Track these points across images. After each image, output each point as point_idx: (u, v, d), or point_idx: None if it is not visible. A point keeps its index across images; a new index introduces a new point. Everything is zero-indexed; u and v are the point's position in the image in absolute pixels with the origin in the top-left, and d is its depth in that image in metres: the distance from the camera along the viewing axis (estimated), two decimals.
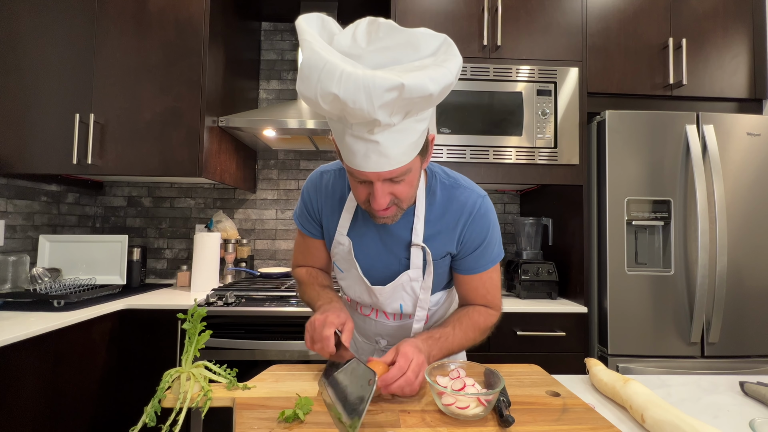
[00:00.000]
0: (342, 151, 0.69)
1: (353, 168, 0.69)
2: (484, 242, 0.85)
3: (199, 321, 0.75)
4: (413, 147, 0.68)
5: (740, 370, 1.62)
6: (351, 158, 0.67)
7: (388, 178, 0.69)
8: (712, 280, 1.60)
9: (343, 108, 0.59)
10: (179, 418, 0.66)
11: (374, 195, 0.70)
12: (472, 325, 0.85)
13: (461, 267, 0.87)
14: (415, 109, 0.63)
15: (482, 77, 1.80)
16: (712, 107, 1.90)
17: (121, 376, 1.59)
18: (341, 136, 0.67)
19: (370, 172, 0.67)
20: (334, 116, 0.64)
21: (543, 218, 2.04)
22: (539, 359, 1.27)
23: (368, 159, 0.66)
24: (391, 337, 0.96)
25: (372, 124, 0.62)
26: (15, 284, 1.71)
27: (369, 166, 0.66)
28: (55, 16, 1.73)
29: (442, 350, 0.79)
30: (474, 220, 0.83)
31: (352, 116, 0.60)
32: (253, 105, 2.36)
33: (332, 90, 0.56)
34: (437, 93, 0.60)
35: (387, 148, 0.65)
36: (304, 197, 0.92)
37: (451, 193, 0.85)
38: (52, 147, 1.71)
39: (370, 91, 0.56)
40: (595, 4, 1.85)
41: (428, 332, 0.81)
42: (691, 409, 0.74)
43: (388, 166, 0.67)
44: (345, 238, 0.86)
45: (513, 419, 0.61)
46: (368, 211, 0.77)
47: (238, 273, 2.14)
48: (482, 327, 0.87)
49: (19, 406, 1.17)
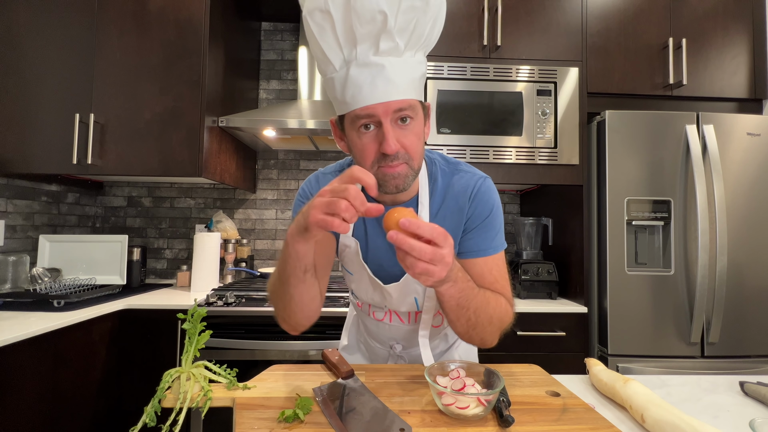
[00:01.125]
0: (347, 96, 0.67)
1: (359, 108, 0.66)
2: (488, 218, 0.81)
3: (199, 321, 0.75)
4: (416, 84, 0.69)
5: (740, 370, 1.62)
6: (357, 94, 0.66)
7: (396, 115, 0.67)
8: (712, 280, 1.60)
9: (349, 7, 0.61)
10: (179, 418, 0.66)
11: (385, 137, 0.66)
12: (493, 298, 0.75)
13: (464, 248, 0.82)
14: (412, 25, 0.65)
15: (482, 77, 1.80)
16: (712, 107, 1.90)
17: (121, 376, 1.59)
18: (344, 78, 0.66)
19: (378, 104, 0.66)
20: (338, 37, 0.64)
21: (543, 218, 2.04)
22: (539, 359, 1.27)
23: (375, 87, 0.65)
24: (406, 341, 0.94)
25: (377, 37, 0.64)
26: (15, 284, 1.71)
27: (375, 95, 0.65)
28: (55, 16, 1.73)
29: (464, 291, 0.68)
30: (476, 198, 0.81)
31: (359, 15, 0.61)
32: (253, 105, 2.36)
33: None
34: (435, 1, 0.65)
35: (393, 74, 0.65)
36: (305, 193, 0.87)
37: (452, 178, 0.83)
38: (52, 147, 1.71)
39: None
40: (595, 4, 1.85)
41: None
42: (691, 409, 0.74)
43: (396, 94, 0.66)
44: (351, 239, 0.85)
45: (513, 419, 0.61)
46: (378, 177, 0.70)
47: (238, 273, 2.14)
48: (500, 310, 0.76)
49: (19, 406, 1.17)
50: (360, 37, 0.64)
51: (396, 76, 0.66)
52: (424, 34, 0.68)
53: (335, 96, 0.70)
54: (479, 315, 0.72)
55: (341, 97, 0.68)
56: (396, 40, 0.65)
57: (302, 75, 2.14)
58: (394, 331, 0.93)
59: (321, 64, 0.70)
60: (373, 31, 0.64)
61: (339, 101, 0.69)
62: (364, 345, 1.03)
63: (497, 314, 0.76)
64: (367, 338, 1.01)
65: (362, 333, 1.03)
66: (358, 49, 0.65)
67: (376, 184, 0.58)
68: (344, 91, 0.67)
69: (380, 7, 0.61)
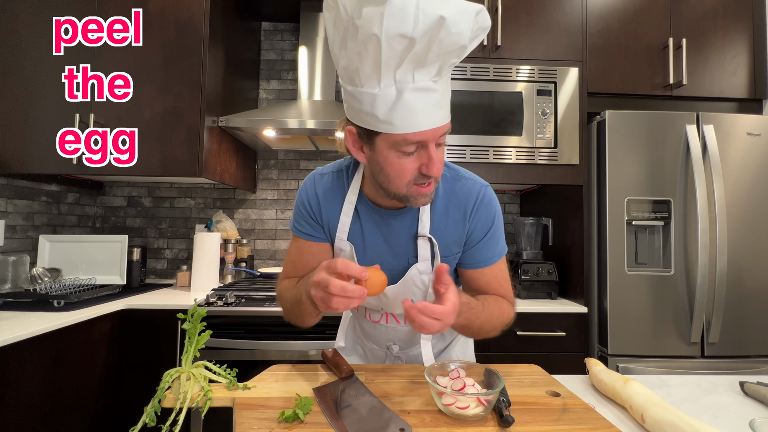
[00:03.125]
0: (395, 118, 0.64)
1: (411, 132, 0.65)
2: (491, 230, 0.83)
3: (199, 321, 0.75)
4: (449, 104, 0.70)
5: (740, 370, 1.62)
6: (410, 119, 0.64)
7: (440, 139, 0.69)
8: (712, 280, 1.60)
9: (436, 37, 0.58)
10: (179, 418, 0.66)
11: (432, 159, 0.68)
12: (497, 309, 0.82)
13: (470, 260, 0.85)
14: (464, 50, 0.63)
15: (482, 77, 1.80)
16: (712, 107, 1.90)
17: (121, 376, 1.59)
18: (394, 100, 0.63)
19: (431, 130, 0.66)
20: (404, 60, 0.60)
21: (543, 218, 2.04)
22: (539, 359, 1.27)
23: (430, 114, 0.65)
24: (403, 342, 0.94)
25: (443, 65, 0.63)
26: (15, 284, 1.71)
27: (431, 121, 0.65)
28: (55, 15, 1.73)
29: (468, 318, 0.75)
30: (478, 209, 0.82)
31: (443, 46, 0.59)
32: (253, 105, 2.36)
33: (437, 11, 0.56)
34: (489, 28, 0.64)
35: (443, 98, 0.66)
36: (303, 199, 0.86)
37: (453, 186, 0.83)
38: (52, 147, 1.71)
39: (469, 12, 0.58)
40: (595, 4, 1.85)
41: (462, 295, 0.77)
42: (691, 409, 0.74)
43: (444, 118, 0.67)
44: (346, 243, 0.84)
45: (513, 419, 0.61)
46: (409, 195, 0.72)
47: (238, 273, 2.14)
48: (504, 316, 0.83)
49: (19, 406, 1.17)
50: (428, 64, 0.62)
51: (444, 100, 0.67)
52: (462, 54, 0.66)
53: (371, 112, 0.65)
54: (483, 327, 0.80)
55: (386, 118, 0.65)
56: (452, 66, 0.64)
57: (302, 75, 2.14)
58: (391, 332, 0.93)
59: (362, 77, 0.64)
60: (445, 60, 0.62)
61: (380, 120, 0.65)
62: (361, 346, 1.03)
63: (500, 321, 0.83)
64: (363, 340, 1.01)
65: (359, 335, 1.03)
66: (416, 73, 0.63)
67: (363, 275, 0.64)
68: (391, 113, 0.64)
69: (464, 43, 0.60)
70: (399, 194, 0.73)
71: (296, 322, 0.83)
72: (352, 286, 0.63)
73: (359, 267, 0.65)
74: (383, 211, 0.82)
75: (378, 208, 0.82)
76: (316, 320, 0.81)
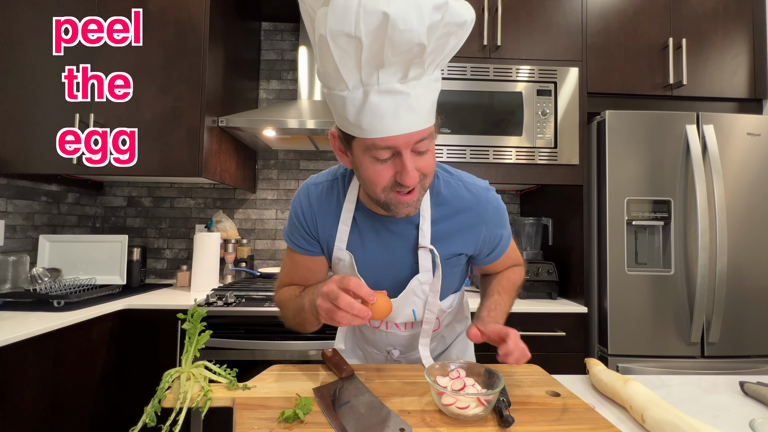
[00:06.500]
0: (363, 122, 0.62)
1: (378, 137, 0.62)
2: (503, 233, 0.87)
3: (199, 321, 0.75)
4: (433, 107, 0.66)
5: (740, 370, 1.62)
6: (377, 123, 0.61)
7: (415, 148, 0.65)
8: (712, 280, 1.60)
9: (384, 35, 0.54)
10: (179, 418, 0.66)
11: (405, 168, 0.64)
12: (512, 286, 0.91)
13: (491, 257, 0.89)
14: (443, 47, 0.60)
15: (482, 77, 1.80)
16: (712, 107, 1.90)
17: (121, 376, 1.59)
18: (361, 102, 0.60)
19: (400, 136, 0.62)
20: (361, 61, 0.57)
21: (543, 218, 2.04)
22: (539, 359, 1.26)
23: (398, 118, 0.61)
24: (403, 347, 0.94)
25: (407, 65, 0.58)
26: (15, 284, 1.71)
27: (400, 126, 0.61)
28: (55, 15, 1.73)
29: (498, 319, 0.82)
30: (492, 218, 0.83)
31: (395, 45, 0.55)
32: (253, 105, 2.36)
33: (380, 8, 0.52)
34: (469, 22, 0.59)
35: (417, 102, 0.61)
36: (297, 211, 0.84)
37: (458, 192, 0.82)
38: (52, 147, 1.71)
39: (420, 6, 0.53)
40: (595, 4, 1.85)
41: (484, 305, 0.85)
42: (691, 409, 0.74)
43: (420, 124, 0.63)
44: (344, 252, 0.82)
45: (513, 419, 0.61)
46: (388, 202, 0.70)
47: (238, 273, 2.14)
48: (518, 283, 0.94)
49: (19, 406, 1.17)
50: (388, 64, 0.58)
51: (419, 104, 0.62)
52: (449, 53, 0.63)
53: (344, 115, 0.64)
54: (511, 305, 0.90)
55: (354, 121, 0.63)
56: (425, 66, 0.60)
57: (302, 75, 2.14)
58: (391, 338, 0.93)
59: (330, 79, 0.62)
60: (405, 60, 0.58)
61: (351, 124, 0.64)
62: (361, 350, 1.03)
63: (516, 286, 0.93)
64: (363, 344, 1.01)
65: (358, 339, 1.03)
66: (381, 74, 0.59)
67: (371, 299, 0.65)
68: (359, 116, 0.62)
69: (420, 40, 0.55)
70: (379, 201, 0.71)
71: (298, 329, 0.84)
72: (360, 306, 0.64)
73: (370, 290, 0.65)
74: (383, 218, 0.80)
75: (377, 215, 0.81)
76: (317, 327, 0.81)
